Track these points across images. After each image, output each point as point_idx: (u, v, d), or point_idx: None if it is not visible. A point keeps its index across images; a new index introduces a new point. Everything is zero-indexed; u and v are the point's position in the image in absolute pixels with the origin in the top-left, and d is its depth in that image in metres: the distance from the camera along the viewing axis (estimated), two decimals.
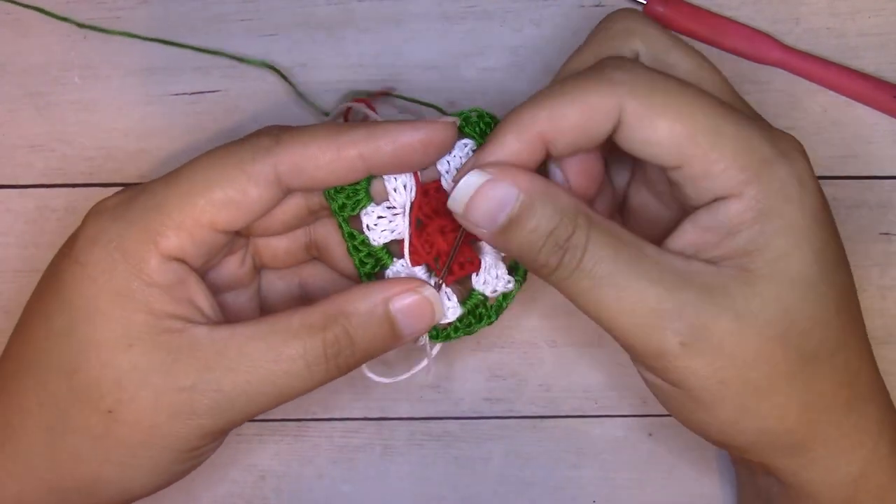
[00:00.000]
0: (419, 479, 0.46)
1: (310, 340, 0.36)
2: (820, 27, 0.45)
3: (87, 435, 0.36)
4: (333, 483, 0.46)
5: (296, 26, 0.44)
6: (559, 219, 0.34)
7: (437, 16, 0.44)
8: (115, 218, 0.36)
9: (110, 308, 0.35)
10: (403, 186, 0.38)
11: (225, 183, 0.35)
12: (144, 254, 0.35)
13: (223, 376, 0.35)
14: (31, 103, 0.45)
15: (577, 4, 0.44)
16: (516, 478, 0.46)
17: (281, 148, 0.36)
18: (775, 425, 0.35)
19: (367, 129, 0.36)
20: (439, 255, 0.39)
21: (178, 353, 0.35)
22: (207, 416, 0.35)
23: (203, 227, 0.36)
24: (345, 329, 0.36)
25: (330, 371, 0.36)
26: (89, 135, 0.45)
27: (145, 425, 0.35)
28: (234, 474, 0.46)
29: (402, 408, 0.46)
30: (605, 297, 0.34)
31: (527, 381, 0.46)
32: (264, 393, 0.36)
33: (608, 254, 0.34)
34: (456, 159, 0.38)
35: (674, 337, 0.34)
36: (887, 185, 0.45)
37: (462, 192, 0.35)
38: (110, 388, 0.35)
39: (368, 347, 0.37)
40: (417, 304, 0.37)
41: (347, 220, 0.38)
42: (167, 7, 0.44)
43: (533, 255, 0.35)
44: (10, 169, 0.45)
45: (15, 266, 0.45)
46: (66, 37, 0.44)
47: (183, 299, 0.36)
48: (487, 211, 0.35)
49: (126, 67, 0.45)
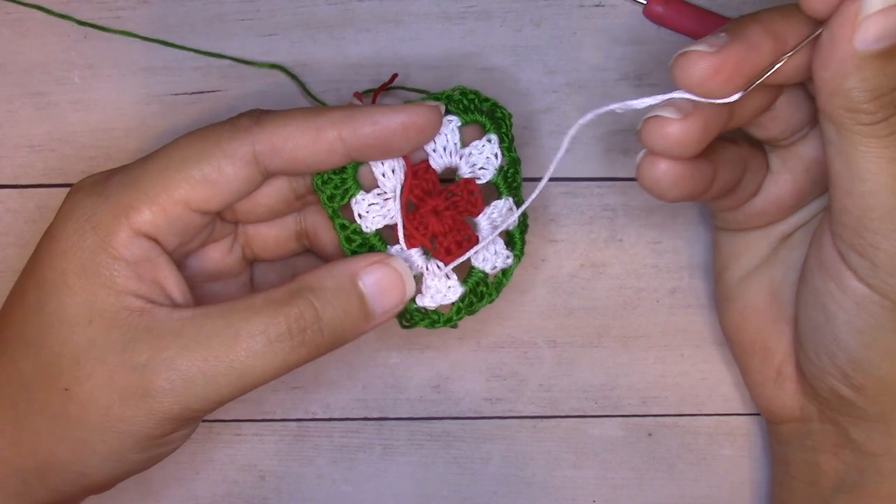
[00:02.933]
0: (419, 479, 0.46)
1: (271, 315, 0.35)
2: None
3: (45, 414, 0.35)
4: (333, 483, 0.46)
5: (296, 26, 0.44)
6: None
7: (437, 16, 0.44)
8: (91, 193, 0.36)
9: (76, 282, 0.35)
10: (392, 170, 0.38)
11: (201, 160, 0.35)
12: (114, 227, 0.35)
13: (178, 354, 0.34)
14: (31, 103, 0.45)
15: (577, 4, 0.44)
16: (516, 478, 0.46)
17: (259, 127, 0.35)
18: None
19: (346, 110, 0.36)
20: (435, 235, 0.38)
21: (136, 331, 0.35)
22: (161, 397, 0.34)
23: (177, 203, 0.35)
24: (310, 303, 0.35)
25: (296, 349, 0.35)
26: (89, 135, 0.45)
27: (99, 405, 0.35)
28: (234, 474, 0.46)
29: (402, 408, 0.46)
30: (886, 174, 0.33)
31: (527, 381, 0.46)
32: (223, 373, 0.34)
33: None
34: (442, 137, 0.38)
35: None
36: None
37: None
38: (69, 365, 0.35)
39: (337, 324, 0.36)
40: (387, 276, 0.37)
41: (338, 212, 0.38)
42: (167, 7, 0.44)
43: (866, 98, 0.32)
44: (10, 169, 0.45)
45: (15, 266, 0.45)
46: (66, 36, 0.44)
47: (149, 279, 0.35)
48: (884, 27, 0.32)
49: (126, 67, 0.45)
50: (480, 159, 0.39)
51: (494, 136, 0.39)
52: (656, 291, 0.45)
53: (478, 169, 0.39)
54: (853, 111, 0.33)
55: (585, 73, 0.44)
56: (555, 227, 0.45)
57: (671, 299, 0.45)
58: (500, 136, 0.39)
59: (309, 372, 0.46)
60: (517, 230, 0.40)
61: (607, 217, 0.45)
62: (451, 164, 0.39)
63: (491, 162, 0.39)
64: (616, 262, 0.45)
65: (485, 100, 0.39)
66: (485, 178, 0.39)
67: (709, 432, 0.46)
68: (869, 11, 0.32)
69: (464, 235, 0.39)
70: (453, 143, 0.38)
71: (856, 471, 0.39)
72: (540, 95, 0.44)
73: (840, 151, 0.34)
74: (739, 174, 0.38)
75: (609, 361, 0.46)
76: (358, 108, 0.36)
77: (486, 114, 0.39)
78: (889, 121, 0.33)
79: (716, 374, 0.46)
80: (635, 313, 0.46)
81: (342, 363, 0.46)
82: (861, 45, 0.32)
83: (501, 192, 0.39)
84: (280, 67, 0.44)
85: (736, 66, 0.33)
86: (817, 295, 0.37)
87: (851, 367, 0.37)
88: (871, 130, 0.33)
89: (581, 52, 0.44)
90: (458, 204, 0.39)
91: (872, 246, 0.34)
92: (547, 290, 0.45)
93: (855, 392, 0.37)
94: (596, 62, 0.44)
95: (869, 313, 0.35)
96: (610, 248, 0.45)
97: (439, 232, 0.38)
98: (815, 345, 0.38)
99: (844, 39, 0.32)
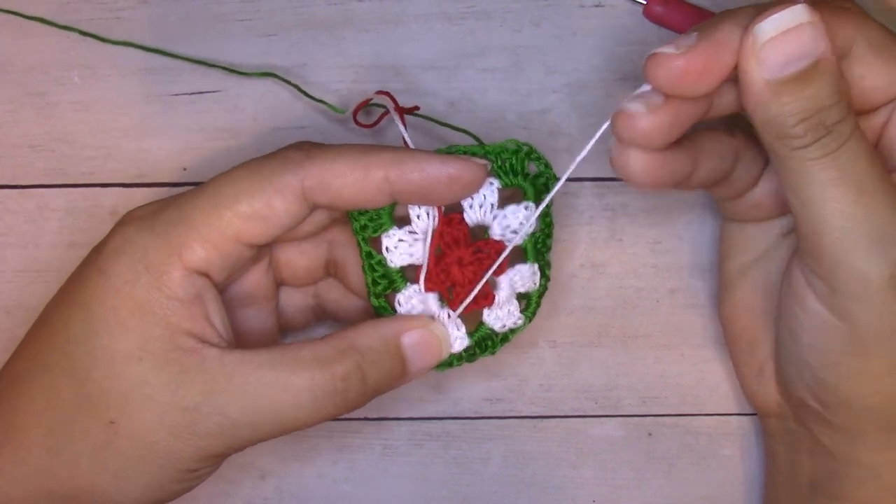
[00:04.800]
0: (419, 479, 0.46)
1: (319, 373, 0.35)
2: None
3: (87, 443, 0.36)
4: (333, 483, 0.46)
5: (296, 26, 0.44)
6: (837, 99, 0.32)
7: (437, 16, 0.44)
8: (142, 229, 0.36)
9: (128, 319, 0.35)
10: (426, 213, 0.38)
11: (252, 196, 0.35)
12: (168, 266, 0.35)
13: (229, 401, 0.35)
14: (31, 103, 0.45)
15: (578, 4, 0.44)
16: (516, 478, 0.46)
17: (309, 163, 0.36)
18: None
19: (395, 153, 0.36)
20: (453, 285, 0.39)
21: (187, 372, 0.35)
22: (209, 439, 0.35)
23: (229, 239, 0.36)
24: (357, 364, 0.36)
25: (338, 406, 0.36)
26: (89, 135, 0.45)
27: (146, 440, 0.35)
28: (234, 474, 0.46)
29: (401, 408, 0.46)
30: (841, 194, 0.32)
31: (527, 381, 0.46)
32: (268, 422, 0.36)
33: (865, 154, 0.33)
34: (480, 196, 0.38)
35: (888, 266, 0.33)
36: None
37: (770, 27, 0.32)
38: (116, 399, 0.35)
39: (379, 383, 0.37)
40: (427, 340, 0.38)
41: (367, 241, 0.39)
42: (167, 7, 0.44)
43: (792, 123, 0.32)
44: (10, 169, 0.45)
45: (15, 266, 0.45)
46: (66, 37, 0.44)
47: (200, 316, 0.36)
48: (783, 53, 0.32)
49: (126, 67, 0.44)
50: (514, 224, 0.39)
51: (532, 204, 0.39)
52: (656, 291, 0.45)
53: (509, 232, 0.39)
54: (784, 137, 0.33)
55: (585, 73, 0.44)
56: (555, 227, 0.45)
57: (671, 299, 0.45)
58: (536, 204, 0.39)
59: None
60: (536, 293, 0.40)
61: (607, 217, 0.45)
62: (484, 222, 0.39)
63: (524, 228, 0.39)
64: (616, 262, 0.45)
65: (536, 158, 0.39)
66: (514, 242, 0.39)
67: (709, 432, 0.46)
68: (764, 40, 0.32)
69: (481, 291, 0.39)
70: (490, 203, 0.39)
71: (828, 474, 0.39)
72: (540, 95, 0.44)
73: (784, 178, 0.34)
74: (729, 165, 0.38)
75: (609, 361, 0.46)
76: (407, 153, 0.36)
77: (530, 179, 0.39)
78: (821, 142, 0.32)
79: (716, 374, 0.46)
80: (635, 313, 0.46)
81: None
82: (769, 74, 0.32)
83: (528, 257, 0.40)
84: (272, 75, 0.44)
85: (704, 66, 0.33)
86: (786, 311, 0.37)
87: (815, 384, 0.37)
88: (806, 153, 0.33)
89: (581, 52, 0.44)
90: (483, 261, 0.39)
91: (829, 270, 0.34)
92: (547, 290, 0.45)
93: (820, 406, 0.37)
94: (596, 62, 0.44)
95: (828, 336, 0.35)
96: (610, 248, 0.45)
97: (459, 283, 0.39)
98: (786, 354, 0.38)
99: (753, 71, 0.32)
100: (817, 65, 0.32)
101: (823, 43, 0.32)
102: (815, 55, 0.32)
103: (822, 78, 0.32)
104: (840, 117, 0.32)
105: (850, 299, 0.34)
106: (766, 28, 0.32)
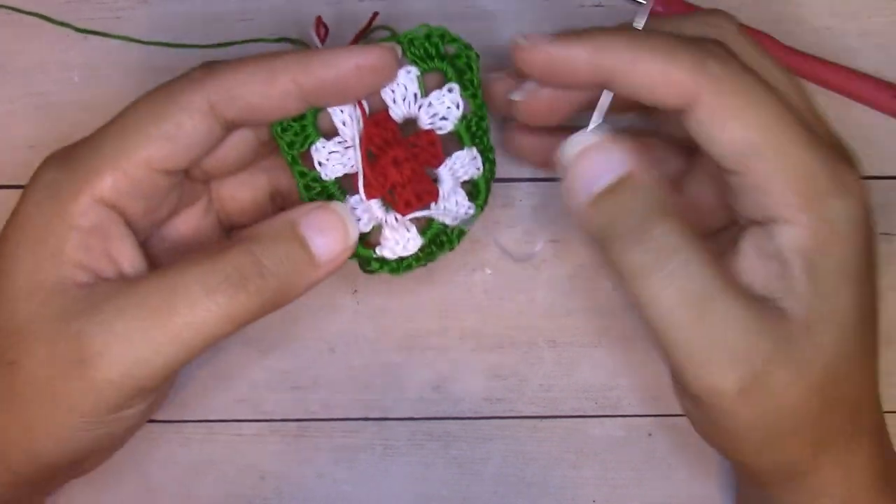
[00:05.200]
0: (419, 479, 0.46)
1: (209, 264, 0.34)
2: (820, 27, 0.45)
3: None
4: (334, 483, 0.46)
5: (295, 26, 0.44)
6: (651, 211, 0.33)
7: (438, 16, 0.44)
8: (54, 165, 0.36)
9: (25, 254, 0.34)
10: (350, 117, 0.37)
11: (158, 117, 0.34)
12: (74, 195, 0.34)
13: (113, 317, 0.33)
14: (31, 103, 0.45)
15: (578, 4, 0.44)
16: (516, 478, 0.46)
17: (212, 77, 0.35)
18: (792, 458, 0.35)
19: (299, 54, 0.35)
20: (394, 186, 0.38)
21: (75, 301, 0.34)
22: (98, 363, 0.33)
23: (139, 165, 0.34)
24: (248, 250, 0.34)
25: (237, 298, 0.34)
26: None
27: (42, 378, 0.34)
28: (234, 474, 0.46)
29: (402, 408, 0.46)
30: (679, 316, 0.33)
31: (527, 381, 0.46)
32: (162, 332, 0.33)
33: (697, 271, 0.32)
34: (401, 87, 0.37)
35: (734, 381, 0.33)
36: (887, 185, 0.45)
37: (570, 148, 0.34)
38: (14, 339, 0.34)
39: (280, 270, 0.34)
40: (326, 219, 0.36)
41: (297, 159, 0.37)
42: (167, 7, 0.44)
43: (612, 238, 0.33)
44: (10, 169, 0.45)
45: None
46: (66, 36, 0.44)
47: (99, 250, 0.35)
48: (588, 172, 0.34)
49: (126, 67, 0.44)
50: (441, 109, 0.38)
51: (455, 84, 0.38)
52: None
53: (438, 119, 0.38)
54: (610, 253, 0.33)
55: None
56: (555, 227, 0.45)
57: None
58: (463, 84, 0.38)
59: (309, 372, 0.46)
60: (482, 179, 0.39)
61: None
62: (411, 114, 0.38)
63: (452, 112, 0.38)
64: None
65: (452, 40, 0.38)
66: (446, 129, 0.38)
67: None
68: (570, 156, 0.34)
69: (424, 187, 0.38)
70: (412, 94, 0.37)
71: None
72: None
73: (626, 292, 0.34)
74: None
75: (609, 361, 0.46)
76: (311, 52, 0.35)
77: (449, 60, 0.38)
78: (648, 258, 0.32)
79: None
80: (635, 313, 0.45)
81: (342, 363, 0.46)
82: (582, 190, 0.34)
83: (464, 142, 0.38)
84: (287, 39, 0.43)
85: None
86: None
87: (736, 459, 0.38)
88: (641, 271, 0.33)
89: None
90: (419, 155, 0.38)
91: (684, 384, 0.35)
92: (547, 290, 0.45)
93: (756, 472, 0.38)
94: None
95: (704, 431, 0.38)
96: None
97: (398, 183, 0.37)
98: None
99: (566, 189, 0.34)
100: (626, 180, 0.33)
101: (630, 158, 0.33)
102: (621, 171, 0.33)
103: (631, 192, 0.33)
104: (663, 231, 0.32)
105: (707, 406, 0.34)
106: (567, 149, 0.34)
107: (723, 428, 0.35)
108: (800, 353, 0.33)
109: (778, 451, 0.35)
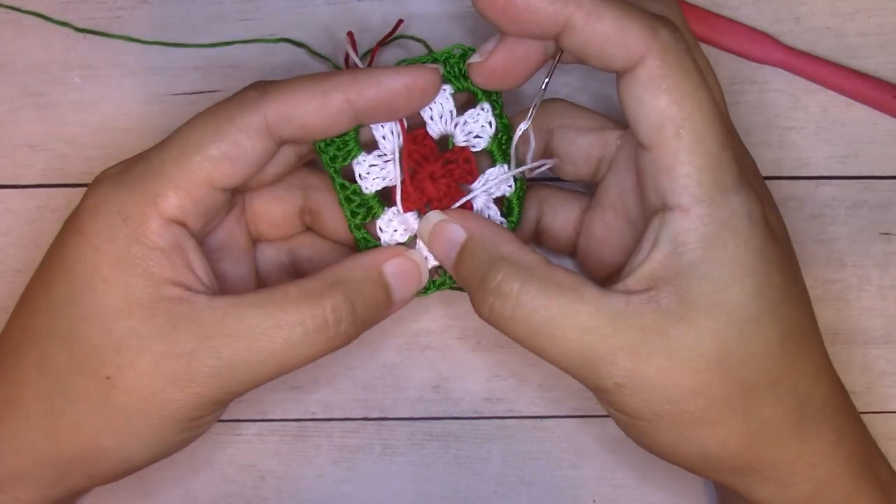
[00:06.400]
0: (419, 479, 0.46)
1: (308, 307, 0.36)
2: (820, 27, 0.45)
3: (86, 403, 0.36)
4: (333, 483, 0.46)
5: (296, 26, 0.44)
6: (490, 264, 0.36)
7: (438, 16, 0.44)
8: (115, 185, 0.36)
9: (111, 274, 0.35)
10: (391, 132, 0.38)
11: (217, 138, 0.36)
12: (145, 217, 0.36)
13: (222, 344, 0.35)
14: (31, 103, 0.45)
15: None
16: (516, 478, 0.46)
17: (268, 98, 0.36)
18: (717, 450, 0.36)
19: (350, 74, 0.36)
20: (430, 200, 0.39)
21: (178, 319, 0.35)
22: (206, 384, 0.35)
23: (201, 184, 0.36)
24: (345, 295, 0.36)
25: (331, 340, 0.36)
26: (89, 135, 0.45)
27: (144, 392, 0.35)
28: (234, 474, 0.46)
29: (402, 408, 0.46)
30: (542, 342, 0.36)
31: (527, 381, 0.46)
32: (263, 362, 0.36)
33: (542, 304, 0.35)
34: (438, 105, 0.38)
35: (608, 378, 0.35)
36: (887, 185, 0.45)
37: (424, 227, 0.39)
38: (110, 354, 0.35)
39: (367, 314, 0.37)
40: (407, 266, 0.39)
41: (339, 172, 0.39)
42: (167, 7, 0.44)
43: (473, 293, 0.37)
44: (10, 169, 0.45)
45: (15, 266, 0.45)
46: (66, 36, 0.44)
47: (182, 265, 0.36)
48: (441, 247, 0.38)
49: (126, 67, 0.45)
50: (475, 128, 0.39)
51: (487, 104, 0.39)
52: None
53: (473, 137, 0.39)
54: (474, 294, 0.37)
55: (585, 73, 0.44)
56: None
57: None
58: (491, 104, 0.39)
59: (309, 372, 0.46)
60: (514, 196, 0.40)
61: None
62: (447, 131, 0.39)
63: (486, 130, 0.39)
64: None
65: None
66: (480, 146, 0.39)
67: None
68: (425, 235, 0.39)
69: (458, 201, 0.39)
70: (448, 111, 0.39)
71: None
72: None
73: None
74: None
75: None
76: (361, 71, 0.36)
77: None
78: (491, 304, 0.36)
79: None
80: None
81: (342, 363, 0.46)
82: (448, 264, 0.38)
83: (496, 159, 0.40)
84: (287, 40, 0.44)
85: (507, 63, 0.37)
86: None
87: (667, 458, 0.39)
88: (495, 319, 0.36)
89: None
90: (454, 171, 0.39)
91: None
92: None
93: (694, 468, 0.39)
94: None
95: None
96: None
97: (434, 197, 0.39)
98: None
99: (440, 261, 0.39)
100: (465, 247, 0.37)
101: (460, 231, 0.38)
102: (461, 239, 0.38)
103: (472, 253, 0.37)
104: (498, 279, 0.36)
105: (606, 402, 0.37)
106: (422, 230, 0.39)
107: (631, 427, 0.37)
108: (676, 342, 0.34)
109: (694, 444, 0.36)
